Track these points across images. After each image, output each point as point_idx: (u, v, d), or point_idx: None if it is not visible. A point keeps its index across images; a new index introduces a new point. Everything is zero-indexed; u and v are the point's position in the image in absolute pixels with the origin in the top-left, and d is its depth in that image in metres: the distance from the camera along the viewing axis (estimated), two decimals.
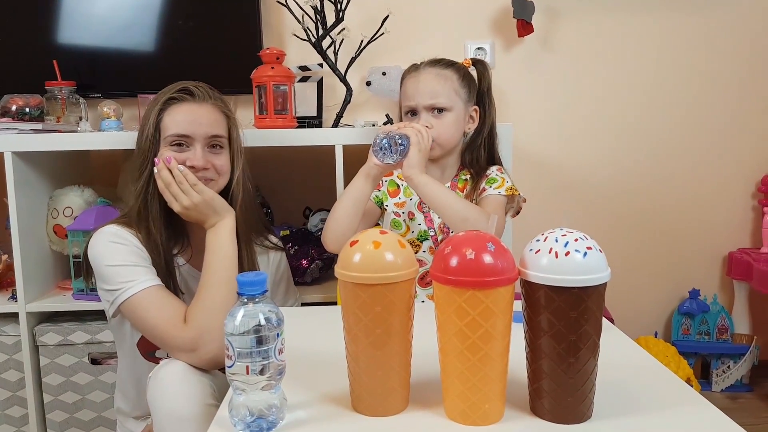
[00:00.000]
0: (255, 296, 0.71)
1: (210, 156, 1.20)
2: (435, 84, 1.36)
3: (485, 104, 1.45)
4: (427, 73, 1.38)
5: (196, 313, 1.07)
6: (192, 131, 1.17)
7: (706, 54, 2.15)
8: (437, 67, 1.38)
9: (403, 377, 0.75)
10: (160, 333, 1.07)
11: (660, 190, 2.21)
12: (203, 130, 1.18)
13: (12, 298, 1.69)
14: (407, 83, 1.40)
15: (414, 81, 1.38)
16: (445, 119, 1.35)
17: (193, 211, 1.13)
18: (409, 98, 1.38)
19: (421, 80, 1.37)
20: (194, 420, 0.94)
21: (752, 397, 2.12)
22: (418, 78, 1.38)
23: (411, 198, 1.42)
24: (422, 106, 1.35)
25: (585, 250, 0.68)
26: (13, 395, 1.71)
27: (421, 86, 1.36)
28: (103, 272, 1.11)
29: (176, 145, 1.18)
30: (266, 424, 0.71)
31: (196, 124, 1.18)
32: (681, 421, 0.72)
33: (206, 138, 1.19)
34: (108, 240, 1.13)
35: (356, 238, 0.74)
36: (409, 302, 0.74)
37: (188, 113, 1.18)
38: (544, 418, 0.72)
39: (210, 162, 1.19)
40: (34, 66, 1.90)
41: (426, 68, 1.39)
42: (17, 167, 1.60)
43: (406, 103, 1.39)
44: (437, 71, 1.37)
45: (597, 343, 0.71)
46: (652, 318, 2.28)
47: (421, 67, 1.40)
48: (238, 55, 1.94)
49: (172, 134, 1.17)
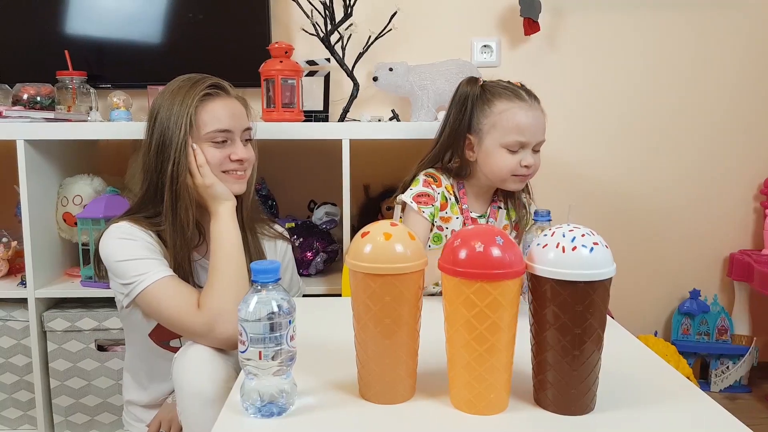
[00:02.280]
0: (268, 284, 0.73)
1: (246, 150, 1.24)
2: (543, 122, 1.31)
3: None
4: (537, 110, 1.30)
5: (208, 297, 1.10)
6: (233, 125, 1.20)
7: (710, 55, 2.16)
8: (538, 103, 1.32)
9: (411, 366, 0.77)
10: (176, 320, 1.09)
11: (663, 190, 2.23)
12: (240, 123, 1.22)
13: (21, 284, 1.71)
14: (520, 115, 1.28)
15: (531, 116, 1.28)
16: (538, 155, 1.33)
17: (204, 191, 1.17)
18: (524, 134, 1.27)
19: (537, 117, 1.30)
20: (218, 400, 0.97)
21: (751, 398, 2.13)
22: (534, 114, 1.29)
23: (457, 217, 1.37)
24: (534, 143, 1.29)
25: (592, 246, 0.70)
26: (20, 379, 1.73)
27: (538, 123, 1.30)
28: (116, 268, 1.13)
29: (219, 141, 1.19)
30: (276, 408, 0.73)
31: (235, 119, 1.21)
32: (682, 415, 0.74)
33: (243, 131, 1.23)
34: (118, 237, 1.15)
35: (367, 230, 0.76)
36: (418, 293, 0.76)
37: (225, 108, 1.20)
38: (547, 409, 0.74)
39: (246, 154, 1.23)
40: (46, 56, 1.92)
41: (536, 104, 1.31)
42: (29, 155, 1.62)
43: (516, 138, 1.27)
44: (541, 108, 1.32)
45: (601, 337, 0.72)
46: (653, 317, 2.29)
47: (531, 102, 1.30)
48: (247, 48, 1.95)
49: (215, 130, 1.18)
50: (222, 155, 1.19)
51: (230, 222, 1.18)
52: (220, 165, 1.19)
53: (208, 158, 1.18)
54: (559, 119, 2.19)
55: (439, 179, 1.37)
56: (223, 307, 1.08)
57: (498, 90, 1.32)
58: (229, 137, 1.20)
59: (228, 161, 1.20)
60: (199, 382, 1.01)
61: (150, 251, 1.14)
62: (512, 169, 1.29)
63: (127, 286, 1.11)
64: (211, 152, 1.19)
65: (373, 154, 1.92)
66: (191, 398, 1.00)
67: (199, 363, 1.03)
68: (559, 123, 2.19)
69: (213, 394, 0.99)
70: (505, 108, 1.29)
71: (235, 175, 1.22)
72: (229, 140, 1.21)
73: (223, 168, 1.20)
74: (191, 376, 1.02)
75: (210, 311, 1.07)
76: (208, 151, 1.18)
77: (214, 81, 1.22)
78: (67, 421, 1.72)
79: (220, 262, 1.13)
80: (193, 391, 1.00)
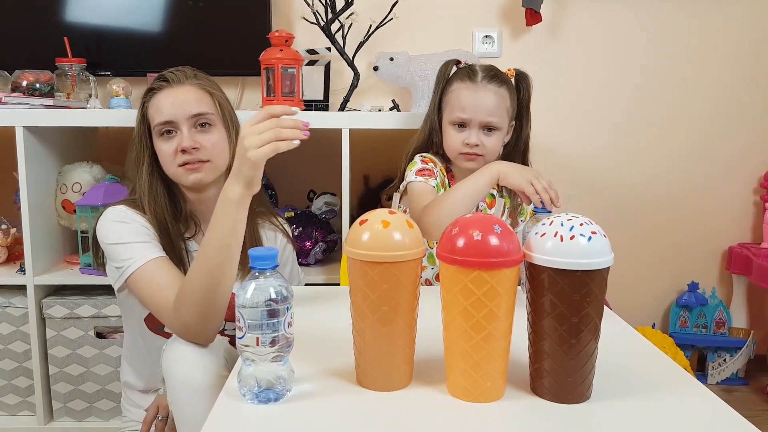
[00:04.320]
0: (266, 270, 0.73)
1: (199, 136, 1.17)
2: (493, 103, 1.33)
3: (522, 118, 1.43)
4: (486, 89, 1.33)
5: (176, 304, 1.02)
6: (173, 115, 1.16)
7: (712, 47, 2.16)
8: (494, 84, 1.34)
9: (408, 354, 0.77)
10: (156, 312, 1.08)
11: (663, 182, 2.23)
12: (184, 110, 1.16)
13: (20, 271, 1.71)
14: (463, 93, 1.34)
15: (472, 95, 1.33)
16: (493, 137, 1.34)
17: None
18: (465, 110, 1.33)
19: (480, 96, 1.33)
20: (208, 390, 0.96)
21: (747, 391, 2.14)
22: (477, 93, 1.33)
23: None
24: (477, 122, 1.33)
25: (590, 235, 0.70)
26: (19, 366, 1.74)
27: (480, 102, 1.32)
28: (109, 250, 1.13)
29: (166, 133, 1.17)
30: (274, 394, 0.73)
31: (176, 107, 1.16)
32: (678, 405, 0.74)
33: (189, 118, 1.16)
34: (113, 219, 1.14)
35: (365, 218, 0.76)
36: (416, 281, 0.76)
37: (167, 98, 1.17)
38: (544, 398, 0.74)
39: (199, 142, 1.16)
40: (45, 43, 1.91)
41: (485, 84, 1.34)
42: (28, 142, 1.62)
43: (458, 114, 1.34)
44: (494, 88, 1.34)
45: (598, 326, 0.72)
46: (650, 309, 2.30)
47: (479, 81, 1.34)
48: (247, 36, 1.95)
49: (158, 123, 1.16)
50: (171, 149, 1.15)
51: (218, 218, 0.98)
52: (173, 160, 1.16)
53: (160, 155, 1.17)
54: (560, 110, 2.18)
55: (434, 161, 1.41)
56: (188, 321, 1.00)
57: (460, 71, 1.39)
58: (173, 127, 1.16)
59: (179, 154, 1.15)
60: (187, 372, 0.99)
61: (144, 234, 1.13)
62: (458, 147, 1.35)
63: (118, 269, 1.11)
64: (162, 147, 1.17)
65: (373, 144, 1.92)
66: (181, 388, 0.99)
67: (187, 353, 1.01)
68: (559, 113, 2.19)
69: (202, 383, 0.97)
70: (456, 87, 1.37)
71: (186, 167, 1.16)
72: (175, 130, 1.17)
73: (177, 162, 1.16)
74: (180, 366, 1.00)
75: (178, 321, 1.02)
76: (160, 147, 1.16)
77: (165, 73, 1.20)
78: (65, 408, 1.73)
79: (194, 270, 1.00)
80: (183, 381, 0.98)
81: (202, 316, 0.99)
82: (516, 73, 1.41)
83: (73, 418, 1.74)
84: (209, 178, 1.18)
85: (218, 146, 1.19)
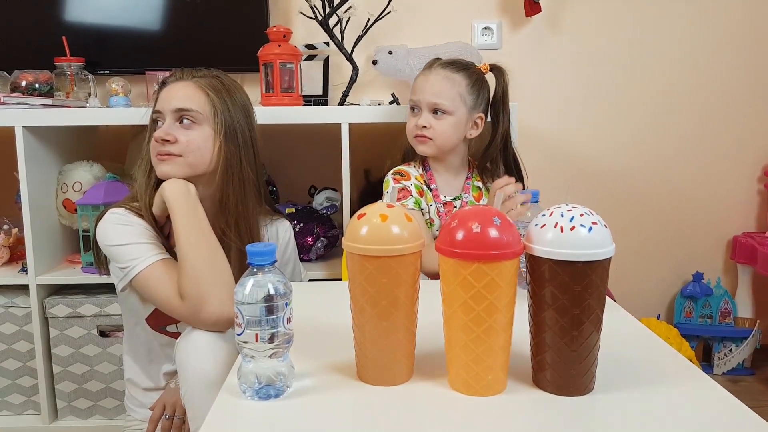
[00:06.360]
0: (264, 266, 0.72)
1: (178, 130, 1.16)
2: (442, 86, 1.38)
3: (498, 112, 1.45)
4: (437, 73, 1.40)
5: (183, 284, 1.06)
6: (161, 106, 1.18)
7: (713, 34, 2.14)
8: (449, 69, 1.40)
9: (408, 348, 0.77)
10: (166, 307, 1.09)
11: (666, 172, 2.21)
12: (171, 104, 1.17)
13: (23, 271, 1.71)
14: (418, 78, 1.43)
15: (424, 78, 1.41)
16: (443, 121, 1.38)
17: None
18: (415, 93, 1.42)
19: (430, 79, 1.39)
20: (221, 383, 0.96)
21: (753, 381, 2.13)
22: (428, 76, 1.40)
23: (431, 204, 1.45)
24: (424, 103, 1.39)
25: (590, 225, 0.69)
26: (23, 365, 1.74)
27: (428, 85, 1.39)
28: (112, 252, 1.13)
29: (155, 122, 1.20)
30: (274, 391, 0.73)
31: (167, 100, 1.18)
32: (683, 396, 0.73)
33: (173, 112, 1.17)
34: (115, 222, 1.14)
35: (363, 212, 0.75)
36: (415, 275, 0.75)
37: (168, 92, 1.20)
38: (546, 390, 0.73)
39: (176, 136, 1.15)
40: (44, 42, 1.91)
41: (438, 68, 1.40)
42: (27, 142, 1.62)
43: (411, 97, 1.43)
44: (447, 73, 1.39)
45: (600, 317, 0.72)
46: (655, 300, 2.29)
47: (434, 66, 1.42)
48: (245, 32, 1.94)
49: (152, 112, 1.21)
50: (154, 138, 1.18)
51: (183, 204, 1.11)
52: (154, 149, 1.18)
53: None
54: (560, 99, 2.17)
55: (407, 173, 1.44)
56: (199, 291, 1.04)
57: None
58: (159, 118, 1.19)
59: (157, 144, 1.17)
60: (202, 365, 1.01)
61: (145, 236, 1.14)
62: (411, 130, 1.42)
63: (122, 270, 1.11)
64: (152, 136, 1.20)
65: (373, 138, 1.91)
66: (195, 381, 1.00)
67: (201, 346, 1.03)
68: (559, 103, 2.18)
69: (216, 376, 0.98)
70: (416, 75, 1.45)
71: (158, 156, 1.17)
72: (160, 121, 1.19)
73: (153, 152, 1.18)
74: (194, 359, 1.02)
75: (189, 299, 1.05)
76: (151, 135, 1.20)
77: (175, 70, 1.23)
78: (70, 407, 1.73)
79: (185, 246, 1.08)
80: (197, 374, 1.00)
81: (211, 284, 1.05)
82: (491, 67, 1.45)
83: (78, 417, 1.74)
84: (177, 173, 1.16)
85: (194, 144, 1.16)
